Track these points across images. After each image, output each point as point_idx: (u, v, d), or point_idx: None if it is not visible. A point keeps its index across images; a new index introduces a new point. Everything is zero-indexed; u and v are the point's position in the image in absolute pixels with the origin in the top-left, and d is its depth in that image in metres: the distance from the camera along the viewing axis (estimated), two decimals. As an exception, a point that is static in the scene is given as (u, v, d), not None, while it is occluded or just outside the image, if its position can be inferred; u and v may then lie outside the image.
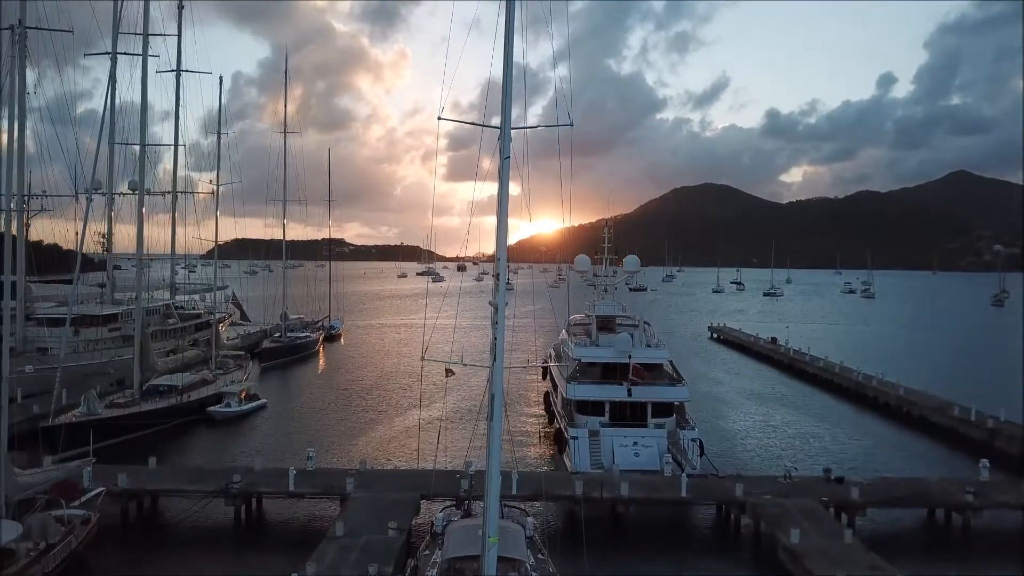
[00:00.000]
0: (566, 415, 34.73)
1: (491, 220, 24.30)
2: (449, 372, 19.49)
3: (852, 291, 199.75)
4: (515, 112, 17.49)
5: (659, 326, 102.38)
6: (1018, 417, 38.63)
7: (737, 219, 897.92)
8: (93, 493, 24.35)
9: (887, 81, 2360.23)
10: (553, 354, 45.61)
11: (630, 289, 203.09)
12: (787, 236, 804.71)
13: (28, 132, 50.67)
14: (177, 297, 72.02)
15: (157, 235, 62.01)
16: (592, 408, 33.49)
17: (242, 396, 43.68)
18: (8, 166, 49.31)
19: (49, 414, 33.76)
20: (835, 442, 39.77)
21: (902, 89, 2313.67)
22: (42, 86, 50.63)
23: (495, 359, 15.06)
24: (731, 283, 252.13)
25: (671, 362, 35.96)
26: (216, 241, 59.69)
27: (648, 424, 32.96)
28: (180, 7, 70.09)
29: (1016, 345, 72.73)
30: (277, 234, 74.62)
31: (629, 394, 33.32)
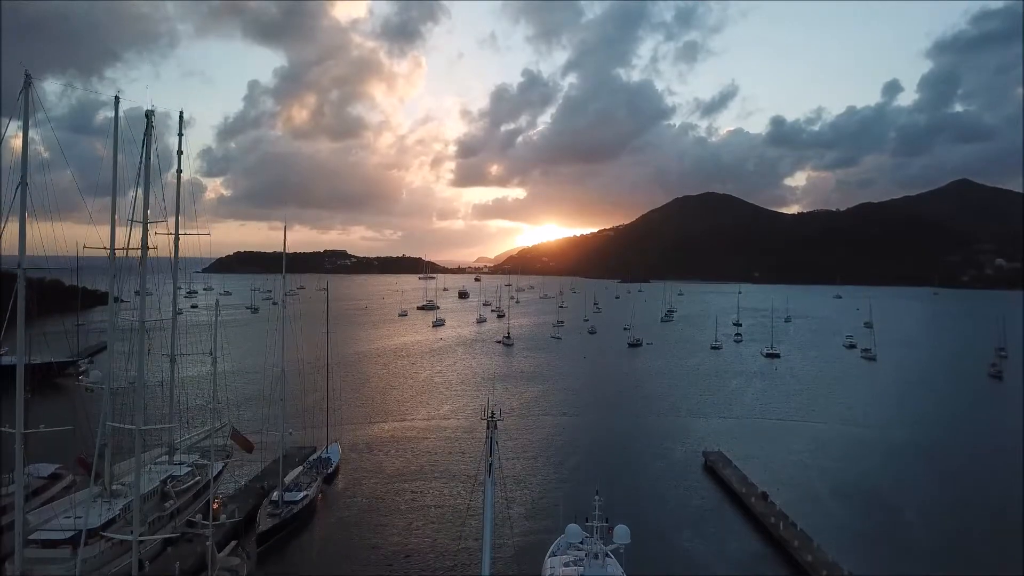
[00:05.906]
0: None
1: (494, 223, 25.83)
2: None
3: (853, 346, 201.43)
4: (524, 119, 20.89)
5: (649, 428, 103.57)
6: None
7: (738, 230, 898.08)
8: None
9: (893, 89, 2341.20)
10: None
11: (629, 345, 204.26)
12: (788, 249, 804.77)
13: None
14: (177, 456, 73.22)
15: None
16: None
17: (237, 642, 44.73)
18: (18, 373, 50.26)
19: None
20: None
21: (907, 98, 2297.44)
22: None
23: None
24: (733, 324, 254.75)
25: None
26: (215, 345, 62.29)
27: None
28: (179, 153, 71.06)
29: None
30: (280, 241, 76.91)
31: None
